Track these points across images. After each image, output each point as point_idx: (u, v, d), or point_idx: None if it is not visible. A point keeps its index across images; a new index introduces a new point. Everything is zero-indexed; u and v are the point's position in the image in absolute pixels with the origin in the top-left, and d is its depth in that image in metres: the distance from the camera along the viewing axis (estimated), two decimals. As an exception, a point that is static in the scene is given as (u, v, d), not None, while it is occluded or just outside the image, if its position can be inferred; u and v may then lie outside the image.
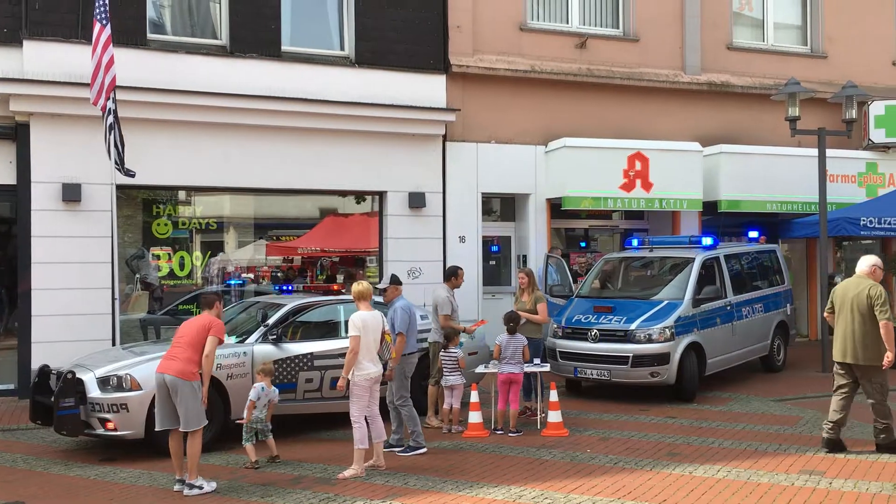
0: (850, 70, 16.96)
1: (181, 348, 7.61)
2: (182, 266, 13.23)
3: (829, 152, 14.19)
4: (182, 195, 13.45)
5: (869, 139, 17.02)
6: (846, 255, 18.60)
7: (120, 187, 11.32)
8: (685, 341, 11.21)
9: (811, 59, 17.46)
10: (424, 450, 8.85)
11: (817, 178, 13.86)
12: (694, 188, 15.13)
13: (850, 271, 17.84)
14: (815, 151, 14.04)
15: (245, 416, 8.54)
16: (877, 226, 14.64)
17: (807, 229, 15.70)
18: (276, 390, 8.90)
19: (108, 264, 11.80)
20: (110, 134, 10.66)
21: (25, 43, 11.73)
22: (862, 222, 14.63)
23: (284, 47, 13.36)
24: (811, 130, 14.11)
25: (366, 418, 8.10)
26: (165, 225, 13.14)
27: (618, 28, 16.00)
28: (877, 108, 16.95)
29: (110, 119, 10.68)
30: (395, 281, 9.39)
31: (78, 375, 8.80)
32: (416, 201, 13.97)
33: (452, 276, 10.54)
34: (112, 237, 11.52)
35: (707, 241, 12.63)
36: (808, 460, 8.25)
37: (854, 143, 16.50)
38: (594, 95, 15.41)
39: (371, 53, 13.82)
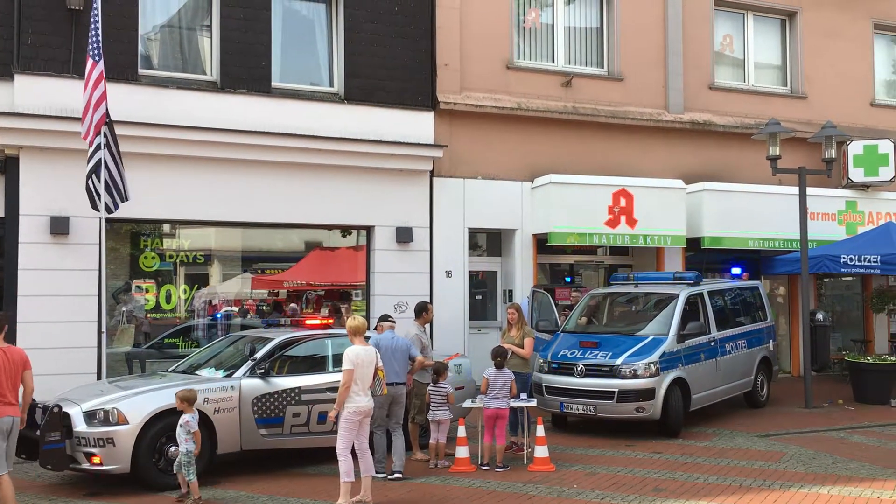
0: (829, 110, 17.31)
1: (12, 391, 7.46)
2: (168, 299, 13.23)
3: (810, 191, 14.44)
4: (167, 228, 13.48)
5: (848, 178, 17.31)
6: (827, 292, 18.80)
7: (107, 220, 11.33)
8: (670, 377, 11.29)
9: (791, 100, 17.80)
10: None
11: (798, 216, 14.09)
12: (677, 225, 15.33)
13: (830, 308, 18.15)
14: (795, 189, 14.27)
15: (195, 448, 8.28)
16: (857, 263, 14.83)
17: (788, 266, 15.90)
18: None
19: (94, 297, 11.78)
20: (102, 169, 10.69)
21: (17, 77, 11.80)
22: (842, 259, 14.83)
23: (274, 83, 13.51)
24: (792, 169, 14.35)
25: (353, 451, 8.10)
26: (152, 258, 13.15)
27: (603, 67, 16.28)
28: (855, 148, 17.27)
29: (99, 154, 10.69)
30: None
31: (64, 409, 8.76)
32: (404, 236, 14.07)
33: (423, 311, 10.64)
34: (100, 270, 11.51)
35: (691, 276, 12.78)
36: (793, 496, 8.32)
37: (834, 181, 16.75)
38: (579, 133, 15.64)
39: (360, 90, 14.00)
